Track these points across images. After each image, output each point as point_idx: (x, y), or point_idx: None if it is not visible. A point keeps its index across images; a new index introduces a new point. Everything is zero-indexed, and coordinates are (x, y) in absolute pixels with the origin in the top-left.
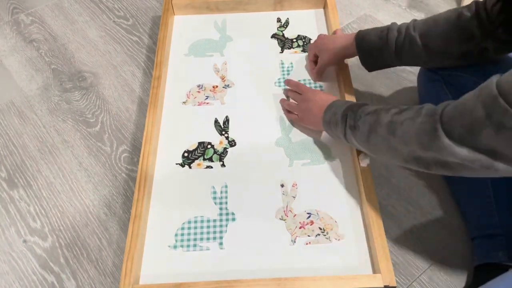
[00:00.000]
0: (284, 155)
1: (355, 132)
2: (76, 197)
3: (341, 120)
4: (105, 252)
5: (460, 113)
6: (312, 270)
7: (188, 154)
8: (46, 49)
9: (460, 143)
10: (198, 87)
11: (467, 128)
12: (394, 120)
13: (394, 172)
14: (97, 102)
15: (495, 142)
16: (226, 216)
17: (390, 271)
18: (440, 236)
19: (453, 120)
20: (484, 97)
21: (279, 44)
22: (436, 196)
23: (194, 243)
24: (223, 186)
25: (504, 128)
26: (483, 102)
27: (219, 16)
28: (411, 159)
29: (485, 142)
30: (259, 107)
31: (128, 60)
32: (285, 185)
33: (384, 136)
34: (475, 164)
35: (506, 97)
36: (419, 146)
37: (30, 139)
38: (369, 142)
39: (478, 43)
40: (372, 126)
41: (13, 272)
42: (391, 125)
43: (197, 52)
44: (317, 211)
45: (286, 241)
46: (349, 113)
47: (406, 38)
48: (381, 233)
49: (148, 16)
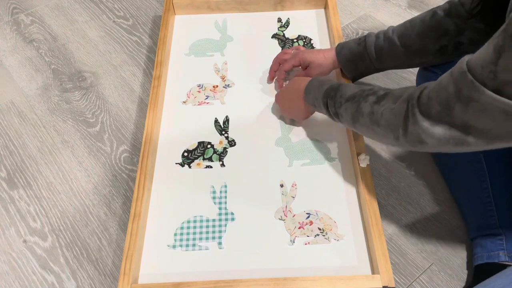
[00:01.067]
0: (284, 155)
1: (340, 119)
2: (76, 197)
3: (324, 107)
4: (105, 252)
5: (437, 92)
6: (311, 270)
7: (188, 153)
8: (46, 49)
9: (437, 121)
10: (198, 87)
11: (443, 105)
12: (374, 111)
13: (394, 172)
14: (97, 102)
15: (466, 116)
16: (226, 216)
17: (389, 272)
18: (440, 236)
19: (431, 100)
20: (455, 74)
21: (280, 44)
22: (436, 196)
23: (193, 242)
24: (222, 186)
25: (472, 101)
26: (454, 78)
27: (220, 16)
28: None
29: (457, 116)
30: (259, 107)
31: (128, 60)
32: (285, 185)
33: (368, 125)
34: (450, 142)
35: (473, 71)
36: (402, 132)
37: (30, 139)
38: (356, 128)
39: (453, 38)
40: (355, 115)
41: (13, 272)
42: (372, 116)
43: (198, 51)
44: (316, 211)
45: (285, 241)
46: (328, 101)
47: (386, 40)
48: (380, 234)
49: (148, 16)
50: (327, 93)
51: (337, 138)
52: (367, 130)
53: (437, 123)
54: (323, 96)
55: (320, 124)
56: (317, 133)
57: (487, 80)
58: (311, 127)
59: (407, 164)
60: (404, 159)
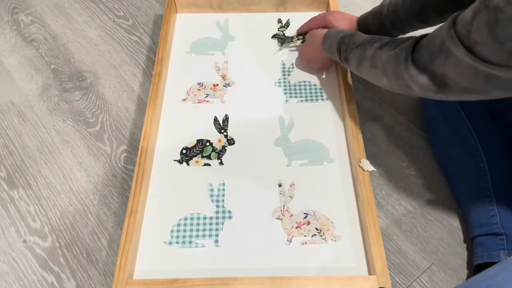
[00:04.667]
0: (283, 155)
1: (348, 63)
2: (76, 197)
3: (337, 52)
4: (105, 252)
5: (427, 42)
6: (308, 270)
7: (187, 151)
8: (46, 49)
9: (422, 69)
10: (198, 85)
11: (429, 55)
12: (375, 55)
13: (394, 172)
14: (97, 102)
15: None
16: (223, 214)
17: (385, 273)
18: (440, 236)
19: (422, 49)
20: (444, 27)
21: (279, 41)
22: (436, 196)
23: (190, 239)
24: (220, 184)
25: (450, 54)
26: (442, 31)
27: (222, 16)
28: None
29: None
30: (259, 106)
31: (128, 60)
32: (283, 185)
33: (368, 68)
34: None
35: (456, 27)
36: (394, 76)
37: (30, 139)
38: (359, 72)
39: None
40: (359, 59)
41: (13, 272)
42: (373, 59)
43: (199, 50)
44: (314, 211)
45: (282, 241)
46: (341, 46)
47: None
48: (378, 235)
49: (148, 16)
50: (342, 40)
51: (336, 139)
52: (367, 73)
53: (422, 72)
54: (338, 42)
55: (319, 125)
56: (316, 134)
57: (464, 38)
58: (310, 128)
59: (407, 164)
60: (404, 159)
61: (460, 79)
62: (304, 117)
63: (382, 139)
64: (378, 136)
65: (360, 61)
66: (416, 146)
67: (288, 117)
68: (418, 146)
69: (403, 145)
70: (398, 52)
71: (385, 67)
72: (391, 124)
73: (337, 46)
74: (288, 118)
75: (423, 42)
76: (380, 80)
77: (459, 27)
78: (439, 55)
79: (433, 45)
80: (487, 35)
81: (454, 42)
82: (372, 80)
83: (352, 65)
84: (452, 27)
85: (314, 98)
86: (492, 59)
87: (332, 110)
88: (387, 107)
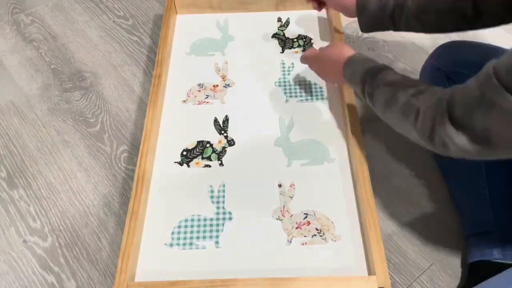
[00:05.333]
0: (283, 155)
1: (372, 100)
2: (76, 197)
3: (360, 84)
4: (105, 252)
5: (462, 95)
6: (308, 271)
7: (187, 152)
8: (46, 49)
9: (459, 127)
10: (198, 86)
11: (465, 109)
12: (410, 103)
13: (394, 172)
14: (97, 102)
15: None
16: (223, 215)
17: (385, 273)
18: (440, 236)
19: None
20: (481, 78)
21: (280, 44)
22: (436, 196)
23: (191, 241)
24: (220, 185)
25: (495, 106)
26: (479, 82)
27: (221, 16)
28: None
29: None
30: (259, 107)
31: (128, 60)
32: (283, 185)
33: (398, 115)
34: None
35: (499, 76)
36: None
37: (30, 139)
38: (385, 115)
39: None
40: (388, 101)
41: (13, 272)
42: (406, 108)
43: (199, 51)
44: (314, 211)
45: (282, 241)
46: (367, 79)
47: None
48: (378, 235)
49: (148, 16)
50: (369, 71)
51: (336, 139)
52: (396, 120)
53: (460, 129)
54: (364, 72)
55: (319, 125)
56: (316, 134)
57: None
58: (310, 128)
59: (407, 164)
60: (404, 160)
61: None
62: (304, 117)
63: (382, 139)
64: (378, 136)
65: (389, 104)
66: (416, 146)
67: (288, 117)
68: (418, 146)
69: (403, 145)
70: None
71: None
72: None
73: (362, 77)
74: (288, 118)
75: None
76: (409, 133)
77: (502, 74)
78: (478, 108)
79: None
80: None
81: (498, 91)
82: (398, 129)
83: (378, 105)
84: (491, 75)
85: (314, 98)
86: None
87: (332, 110)
88: None
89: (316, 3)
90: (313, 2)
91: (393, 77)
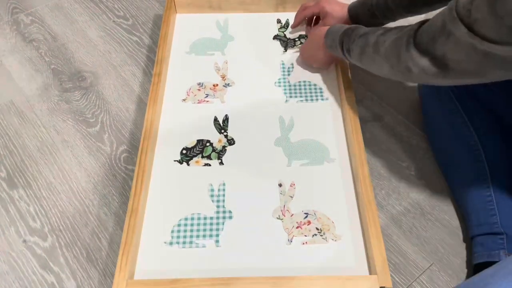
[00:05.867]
0: (283, 155)
1: (350, 54)
2: (76, 197)
3: (339, 45)
4: (105, 252)
5: (429, 25)
6: (308, 270)
7: (187, 151)
8: (46, 49)
9: (423, 52)
10: (198, 85)
11: (430, 37)
12: (378, 40)
13: (394, 172)
14: (97, 102)
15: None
16: (223, 214)
17: (386, 272)
18: (440, 236)
19: (424, 32)
20: (445, 10)
21: (282, 44)
22: (436, 196)
23: (190, 240)
24: (220, 184)
25: (451, 35)
26: (444, 14)
27: (221, 16)
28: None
29: (439, 48)
30: (259, 106)
31: (128, 60)
32: (283, 185)
33: (371, 55)
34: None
35: (457, 8)
36: (395, 60)
37: (30, 139)
38: (361, 61)
39: None
40: (362, 47)
41: (13, 272)
42: (376, 45)
43: (198, 50)
44: (314, 211)
45: (282, 241)
46: (344, 39)
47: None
48: (378, 234)
49: (148, 16)
50: (345, 32)
51: (336, 139)
52: (370, 61)
53: (424, 54)
54: (341, 34)
55: (319, 125)
56: (316, 133)
57: (464, 17)
58: (310, 128)
59: (407, 164)
60: (404, 159)
61: (460, 60)
62: (304, 117)
63: (382, 139)
64: (378, 136)
65: (363, 49)
66: (416, 146)
67: (288, 117)
68: (418, 146)
69: (403, 145)
70: (400, 35)
71: (387, 51)
72: (391, 124)
73: (340, 39)
74: (288, 118)
75: (425, 25)
76: (381, 67)
77: (460, 7)
78: (440, 36)
79: (435, 27)
80: (487, 11)
81: (455, 22)
82: (373, 69)
83: (354, 55)
84: (453, 8)
85: (314, 98)
86: (491, 36)
87: (332, 110)
88: (387, 107)
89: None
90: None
91: (365, 30)
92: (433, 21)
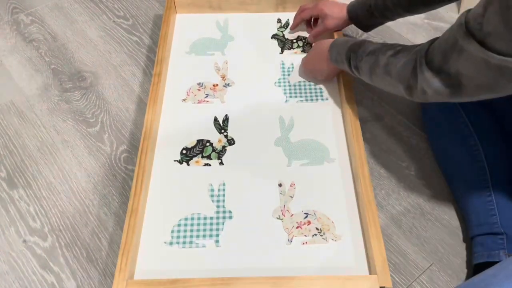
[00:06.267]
0: (283, 155)
1: (359, 72)
2: (76, 197)
3: (346, 60)
4: (105, 252)
5: (439, 44)
6: (308, 270)
7: (187, 151)
8: (46, 49)
9: (436, 72)
10: (198, 85)
11: (442, 56)
12: (389, 62)
13: (394, 172)
14: (97, 102)
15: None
16: (223, 214)
17: (386, 272)
18: (440, 236)
19: (434, 51)
20: (455, 26)
21: (279, 44)
22: (436, 196)
23: (190, 240)
24: (220, 184)
25: (463, 50)
26: (453, 30)
27: (221, 16)
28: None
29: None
30: (259, 106)
31: (128, 60)
32: (283, 185)
33: (382, 76)
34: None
35: (467, 24)
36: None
37: (30, 139)
38: (372, 80)
39: None
40: (372, 67)
41: (13, 272)
42: (386, 67)
43: (198, 50)
44: (314, 211)
45: (282, 241)
46: (351, 55)
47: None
48: (378, 234)
49: (148, 16)
50: (351, 48)
51: (336, 139)
52: (381, 81)
53: (436, 74)
54: (347, 50)
55: (319, 125)
56: (316, 133)
57: (475, 31)
58: (310, 128)
59: (407, 164)
60: (404, 159)
61: (474, 76)
62: (304, 117)
63: (382, 139)
64: (378, 136)
65: (373, 69)
66: (416, 146)
67: (288, 117)
68: (418, 146)
69: (403, 145)
70: (412, 57)
71: (400, 74)
72: (391, 124)
73: (346, 54)
74: (288, 118)
75: (435, 44)
76: (395, 88)
77: (470, 22)
78: (452, 54)
79: (445, 44)
80: (499, 23)
81: (466, 38)
82: (386, 88)
83: (364, 74)
84: (463, 24)
85: (314, 98)
86: (504, 50)
87: (332, 110)
88: (387, 107)
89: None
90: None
91: (373, 47)
92: (443, 38)
